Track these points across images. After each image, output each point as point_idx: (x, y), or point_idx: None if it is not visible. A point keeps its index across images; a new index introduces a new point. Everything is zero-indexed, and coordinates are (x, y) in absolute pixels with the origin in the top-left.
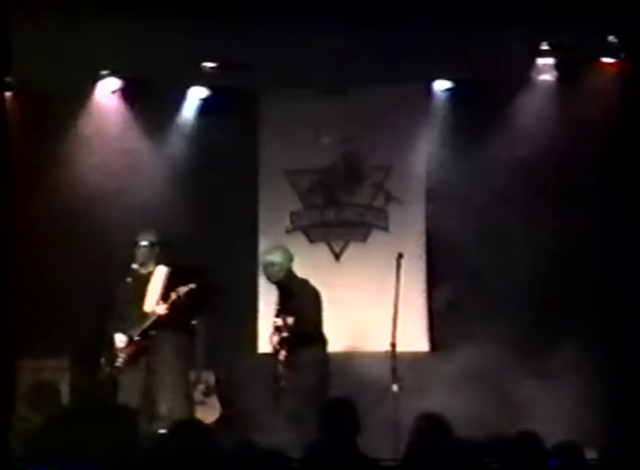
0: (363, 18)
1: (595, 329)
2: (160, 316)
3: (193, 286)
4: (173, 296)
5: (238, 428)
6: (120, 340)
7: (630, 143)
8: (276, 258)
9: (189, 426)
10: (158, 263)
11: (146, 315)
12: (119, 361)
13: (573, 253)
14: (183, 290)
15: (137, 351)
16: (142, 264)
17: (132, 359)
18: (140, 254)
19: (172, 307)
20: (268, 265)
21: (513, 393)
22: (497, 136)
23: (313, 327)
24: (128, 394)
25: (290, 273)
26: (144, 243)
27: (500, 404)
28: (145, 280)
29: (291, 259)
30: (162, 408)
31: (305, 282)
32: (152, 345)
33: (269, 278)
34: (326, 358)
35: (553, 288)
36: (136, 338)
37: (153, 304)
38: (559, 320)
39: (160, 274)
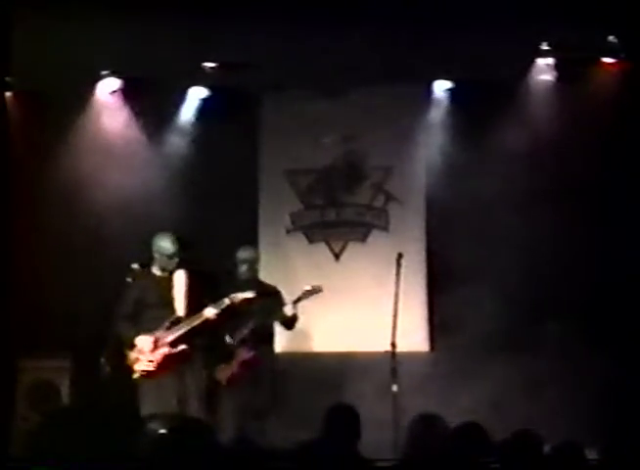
0: (363, 18)
1: (595, 329)
2: (207, 320)
3: (250, 295)
4: (227, 301)
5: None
6: (147, 342)
7: (631, 143)
8: (255, 254)
9: (189, 426)
10: (178, 268)
11: (181, 319)
12: (147, 365)
13: (574, 253)
14: (239, 297)
15: (171, 354)
16: (162, 269)
17: (165, 363)
18: (163, 261)
19: (223, 313)
20: (249, 261)
21: (512, 392)
22: (497, 136)
23: (280, 327)
24: (162, 399)
25: (257, 273)
26: (170, 251)
27: (500, 404)
28: (165, 284)
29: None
30: (199, 413)
31: (269, 284)
32: (187, 348)
33: (244, 275)
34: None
35: (553, 287)
36: (169, 341)
37: (182, 308)
38: (559, 320)
39: (181, 278)
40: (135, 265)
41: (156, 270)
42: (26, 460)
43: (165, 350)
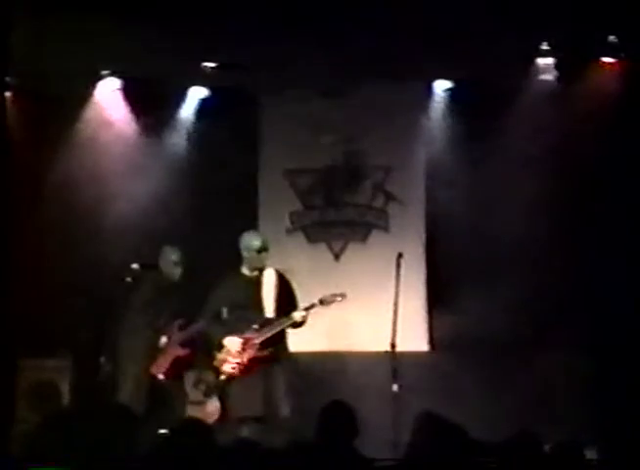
0: (363, 18)
1: (595, 330)
2: (295, 323)
3: (340, 295)
4: (317, 303)
5: (237, 428)
6: (235, 344)
7: (630, 143)
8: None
9: (190, 426)
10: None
11: (270, 321)
12: (233, 367)
13: (574, 252)
14: (332, 299)
15: (259, 357)
16: (252, 269)
17: (252, 365)
18: (252, 257)
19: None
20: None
21: (512, 393)
22: (497, 136)
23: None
24: (248, 402)
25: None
26: (257, 245)
27: (499, 404)
28: (255, 284)
29: None
30: (288, 416)
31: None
32: (274, 350)
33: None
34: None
35: (553, 287)
36: (258, 342)
37: (271, 309)
38: (559, 320)
39: (271, 278)
40: (135, 265)
41: (245, 270)
42: (26, 460)
43: (253, 352)
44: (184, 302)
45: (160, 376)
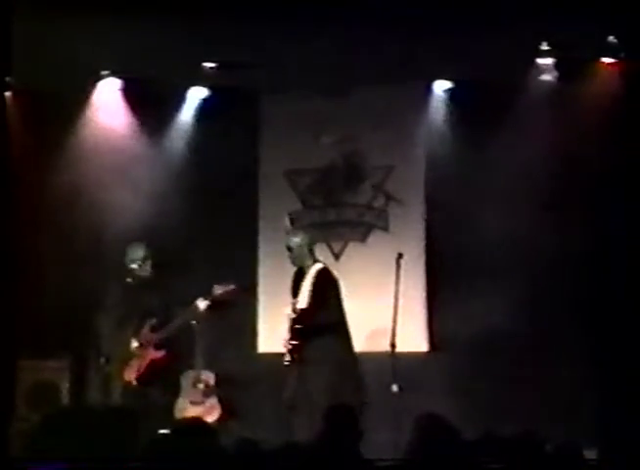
0: (363, 18)
1: (594, 329)
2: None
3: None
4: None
5: (238, 428)
6: (285, 339)
7: (630, 143)
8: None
9: (191, 426)
10: (315, 261)
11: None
12: (288, 360)
13: (573, 253)
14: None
15: (297, 350)
16: (297, 266)
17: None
18: (290, 256)
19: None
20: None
21: (512, 393)
22: (497, 136)
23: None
24: (285, 395)
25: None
26: (286, 245)
27: (500, 404)
28: (301, 280)
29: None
30: (303, 415)
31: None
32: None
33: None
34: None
35: (554, 288)
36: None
37: (305, 302)
38: (559, 320)
39: (310, 274)
40: (135, 266)
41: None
42: (26, 460)
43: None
44: (155, 299)
45: (134, 382)
